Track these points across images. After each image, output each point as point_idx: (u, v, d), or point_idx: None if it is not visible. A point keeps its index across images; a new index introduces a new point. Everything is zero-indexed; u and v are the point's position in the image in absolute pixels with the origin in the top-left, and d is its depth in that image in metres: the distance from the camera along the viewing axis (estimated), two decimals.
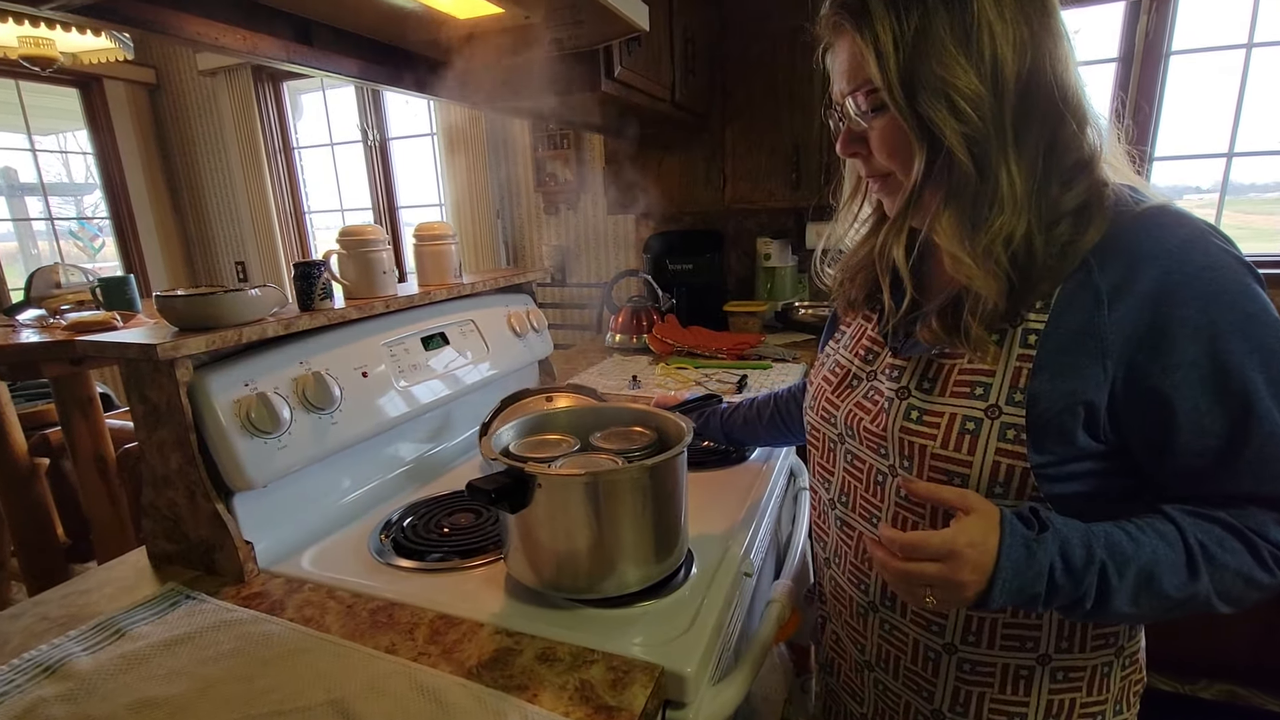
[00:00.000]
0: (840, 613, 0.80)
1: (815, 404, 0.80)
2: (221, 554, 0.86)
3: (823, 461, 0.79)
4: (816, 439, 0.80)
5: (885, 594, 0.71)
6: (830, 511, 0.78)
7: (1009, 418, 0.59)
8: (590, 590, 0.76)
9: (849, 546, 0.75)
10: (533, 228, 3.00)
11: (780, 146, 2.15)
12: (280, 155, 3.49)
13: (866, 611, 0.74)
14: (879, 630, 0.74)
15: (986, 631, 0.65)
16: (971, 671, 0.67)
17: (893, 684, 0.74)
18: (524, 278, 1.53)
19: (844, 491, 0.74)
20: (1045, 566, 0.54)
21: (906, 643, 0.71)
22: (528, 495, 0.73)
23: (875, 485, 0.70)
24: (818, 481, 0.81)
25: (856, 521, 0.73)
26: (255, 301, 0.89)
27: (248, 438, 0.86)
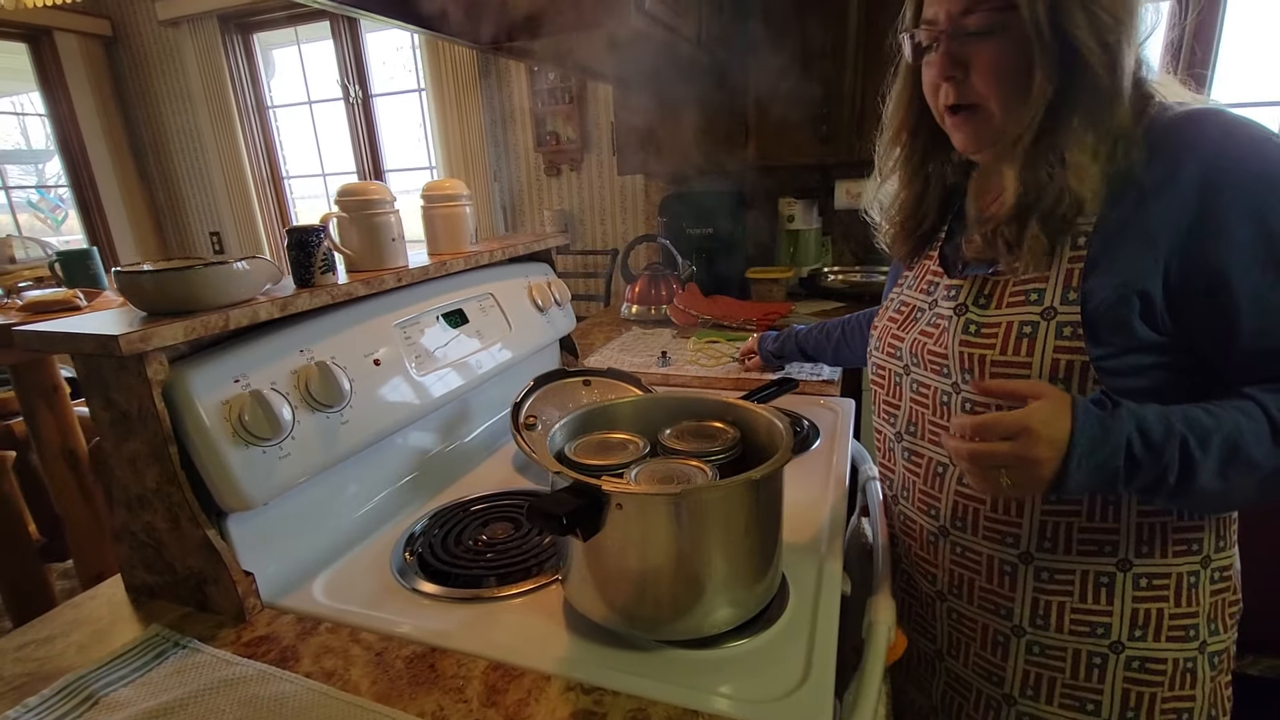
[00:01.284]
0: (909, 547, 0.81)
1: (881, 343, 0.82)
2: (216, 589, 0.71)
3: (888, 398, 0.80)
4: (882, 377, 0.81)
5: (956, 515, 0.72)
6: (896, 445, 0.79)
7: (1064, 316, 0.60)
8: (674, 629, 0.62)
9: (917, 475, 0.76)
10: (533, 191, 2.80)
11: (809, 99, 1.96)
12: (254, 114, 3.23)
13: (937, 538, 0.75)
14: (950, 555, 0.74)
15: (1062, 536, 0.65)
16: (1050, 580, 0.67)
17: (968, 609, 0.74)
18: (544, 244, 1.35)
19: (911, 421, 0.76)
20: (1122, 440, 0.53)
21: (980, 561, 0.71)
22: (601, 517, 0.58)
23: (940, 407, 0.71)
24: (883, 420, 0.82)
25: (925, 448, 0.75)
26: (243, 277, 0.72)
27: (242, 447, 0.69)
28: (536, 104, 2.64)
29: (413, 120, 3.11)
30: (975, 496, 0.70)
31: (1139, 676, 0.66)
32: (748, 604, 0.64)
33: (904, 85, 0.74)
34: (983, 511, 0.69)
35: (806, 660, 0.61)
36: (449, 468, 1.04)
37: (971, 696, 0.77)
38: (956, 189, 0.77)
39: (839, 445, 1.07)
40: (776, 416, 0.70)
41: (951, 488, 0.71)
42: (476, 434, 1.13)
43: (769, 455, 0.68)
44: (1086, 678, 0.67)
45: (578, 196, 2.73)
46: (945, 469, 0.72)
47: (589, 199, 2.72)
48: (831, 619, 0.67)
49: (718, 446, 0.70)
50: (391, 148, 3.19)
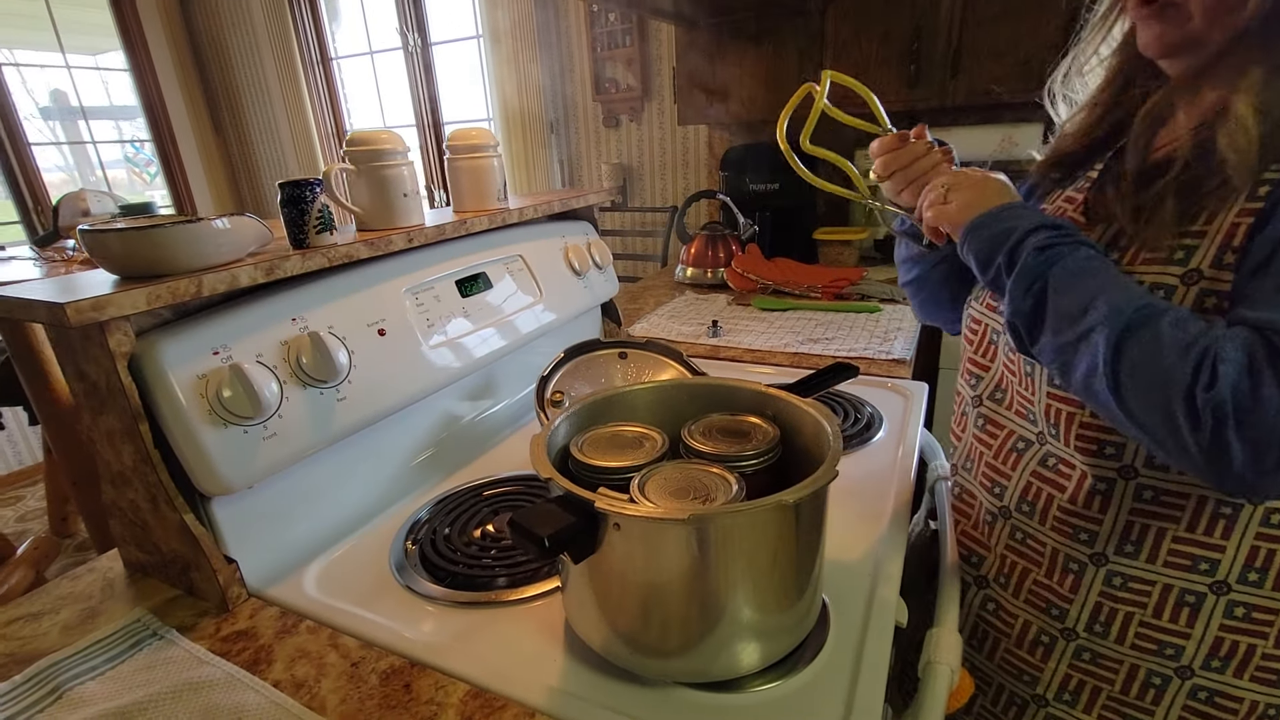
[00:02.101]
0: (957, 523, 0.76)
1: (983, 293, 0.72)
2: (198, 575, 0.66)
3: (977, 357, 0.72)
4: (976, 331, 0.72)
5: (1025, 498, 0.65)
6: (972, 410, 0.72)
7: (1211, 283, 0.50)
8: (686, 669, 0.52)
9: (988, 447, 0.70)
10: (590, 143, 2.66)
11: (897, 31, 1.72)
12: (318, 67, 3.22)
13: (995, 519, 0.69)
14: (1006, 540, 0.68)
15: (1150, 542, 0.57)
16: (1122, 588, 0.59)
17: (1011, 601, 0.68)
18: (583, 200, 1.23)
19: (999, 387, 0.69)
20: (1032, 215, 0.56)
21: (1043, 554, 0.64)
22: (597, 539, 0.48)
23: (1026, 378, 0.64)
24: (965, 381, 0.74)
25: (1007, 419, 0.67)
26: (220, 236, 0.65)
27: (220, 426, 0.63)
28: (595, 48, 2.48)
29: (472, 70, 3.01)
30: (1053, 481, 0.62)
31: (1204, 710, 0.58)
32: (776, 643, 0.53)
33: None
34: (1058, 500, 0.61)
35: (846, 708, 0.50)
36: (469, 444, 0.97)
37: (991, 691, 0.72)
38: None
39: (906, 437, 0.93)
40: (826, 417, 0.57)
41: (1028, 468, 0.64)
42: (500, 407, 1.05)
43: (813, 463, 0.56)
44: (1140, 695, 0.61)
45: (637, 149, 2.57)
46: (1026, 446, 0.65)
47: (648, 152, 2.56)
48: (881, 660, 0.55)
49: (750, 450, 0.58)
50: (451, 98, 3.12)
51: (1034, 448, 0.64)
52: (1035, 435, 0.64)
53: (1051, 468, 0.62)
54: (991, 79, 1.67)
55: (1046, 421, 0.61)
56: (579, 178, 2.74)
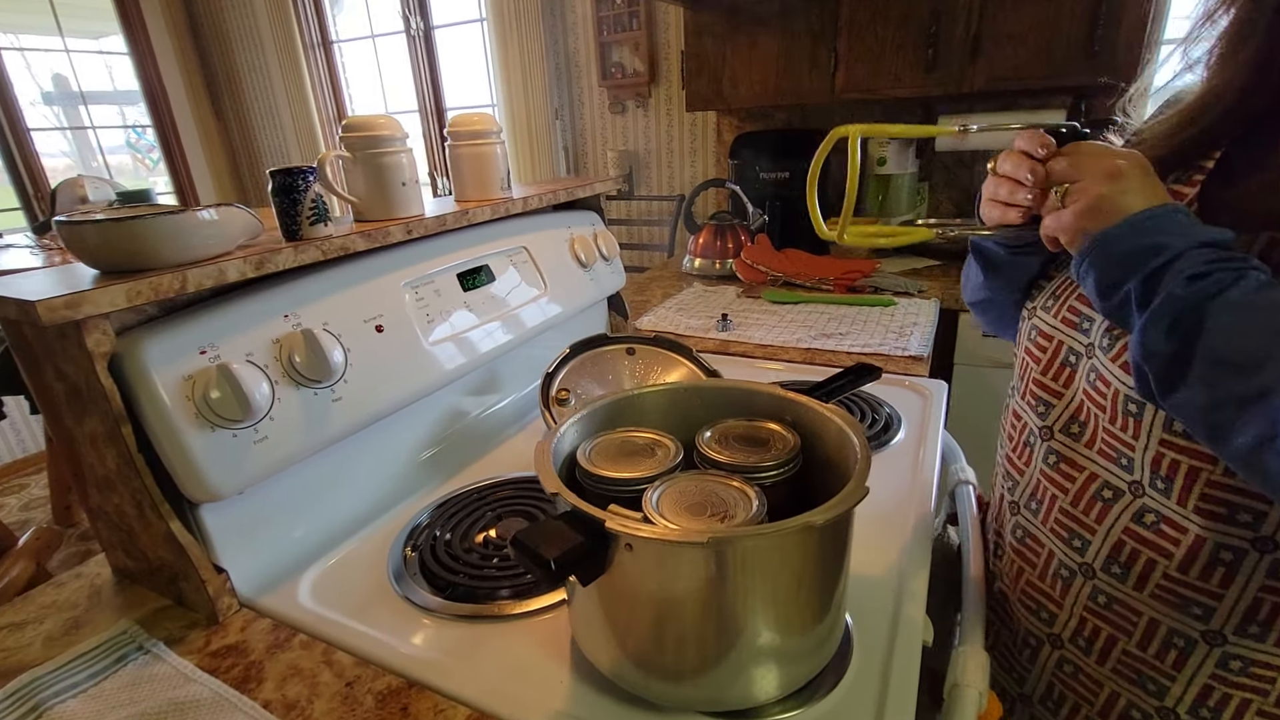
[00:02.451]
0: (1019, 571, 0.63)
1: (1058, 303, 0.59)
2: (186, 584, 0.63)
3: (1046, 379, 0.60)
4: (1045, 349, 0.60)
5: (1116, 559, 0.53)
6: (1039, 443, 0.61)
7: None
8: (701, 697, 0.49)
9: (1063, 491, 0.58)
10: (596, 130, 2.61)
11: (914, 15, 1.66)
12: (319, 50, 3.16)
13: (1072, 576, 0.57)
14: (1087, 602, 0.57)
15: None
16: (1241, 672, 0.50)
17: (1094, 669, 0.58)
18: (589, 189, 1.19)
19: (1076, 419, 0.57)
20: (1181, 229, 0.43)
21: (1135, 622, 0.53)
22: (607, 559, 0.45)
23: (1126, 416, 0.51)
24: (1028, 404, 0.63)
25: (1087, 459, 0.55)
26: (206, 228, 0.61)
27: (207, 429, 0.59)
28: (601, 31, 2.42)
29: (475, 54, 2.95)
30: (1155, 544, 0.50)
31: None
32: (797, 669, 0.49)
33: None
34: (1163, 567, 0.50)
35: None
36: (472, 443, 0.94)
37: None
38: None
39: (928, 439, 0.89)
40: (851, 425, 0.53)
41: (1119, 523, 0.53)
42: (503, 405, 1.02)
43: (836, 473, 0.52)
44: None
45: (644, 136, 2.52)
46: (1115, 496, 0.53)
47: (655, 139, 2.50)
48: (909, 688, 0.52)
49: (770, 460, 0.54)
50: (455, 84, 3.06)
51: (1125, 498, 0.53)
52: (1128, 484, 0.52)
53: (1152, 526, 0.51)
54: (1012, 65, 1.61)
55: (1151, 472, 0.50)
56: (584, 165, 2.69)
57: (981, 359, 1.55)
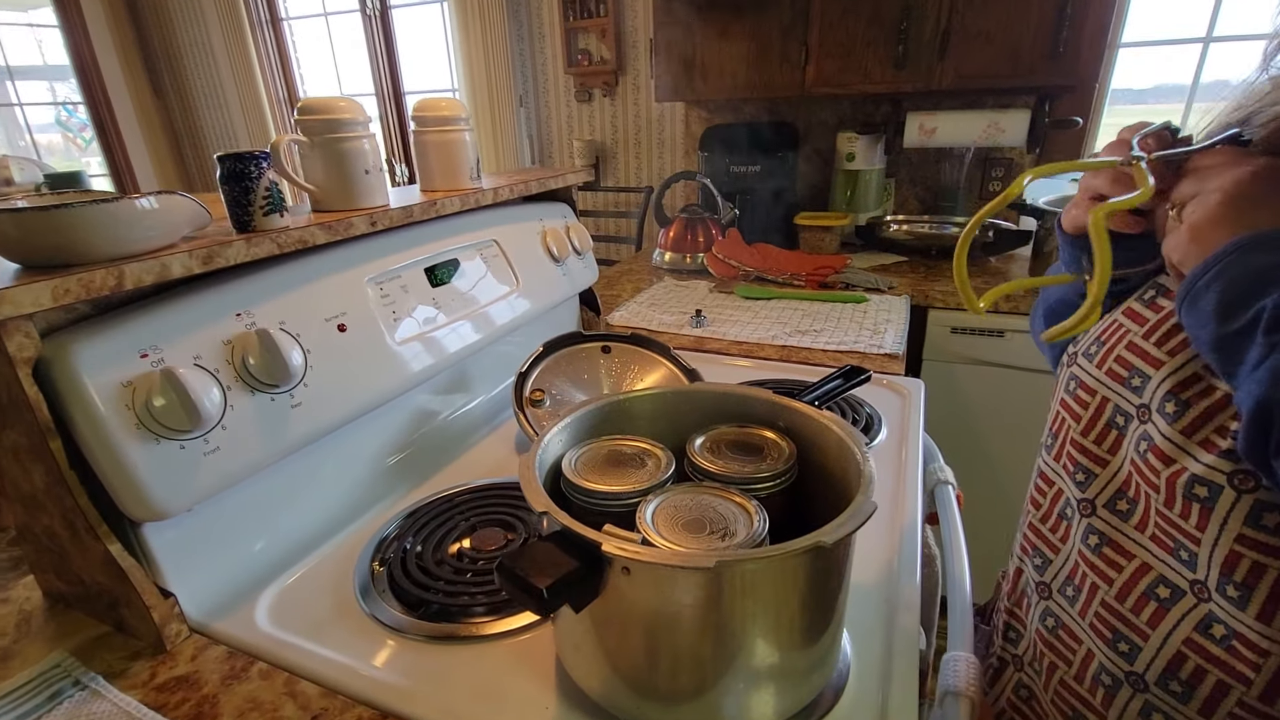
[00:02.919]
0: (1051, 667, 0.55)
1: (1105, 350, 0.51)
2: (128, 611, 0.57)
3: (1087, 441, 0.51)
4: (1087, 403, 0.51)
5: (1173, 674, 0.45)
6: (1078, 519, 0.52)
7: None
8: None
9: (1106, 581, 0.49)
10: (562, 119, 2.55)
11: (885, 10, 1.66)
12: (267, 28, 3.00)
13: (1117, 684, 0.48)
14: (1137, 717, 0.48)
15: None
16: None
17: None
18: (561, 180, 1.15)
19: (1124, 494, 0.48)
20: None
21: None
22: (600, 582, 0.41)
23: (1188, 501, 0.42)
24: (1063, 471, 0.54)
25: (1139, 545, 0.46)
26: (146, 218, 0.55)
27: (150, 441, 0.54)
28: (567, 16, 2.36)
29: (435, 37, 2.85)
30: (1225, 663, 0.42)
31: None
32: (798, 693, 0.47)
33: None
34: (1238, 694, 0.42)
35: None
36: (441, 447, 0.89)
37: None
38: None
39: (909, 440, 0.88)
40: (851, 435, 0.51)
41: (1178, 631, 0.44)
42: (473, 406, 0.97)
43: (835, 485, 0.50)
44: None
45: (610, 126, 2.47)
46: (1174, 596, 0.45)
47: (623, 129, 2.46)
48: (909, 701, 0.50)
49: (766, 471, 0.52)
50: (413, 68, 2.95)
51: (1186, 600, 0.44)
52: (1189, 583, 0.44)
53: (1221, 641, 0.42)
54: (979, 64, 1.63)
55: (1221, 576, 0.41)
56: (549, 155, 2.63)
57: (950, 355, 1.57)
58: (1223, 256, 0.38)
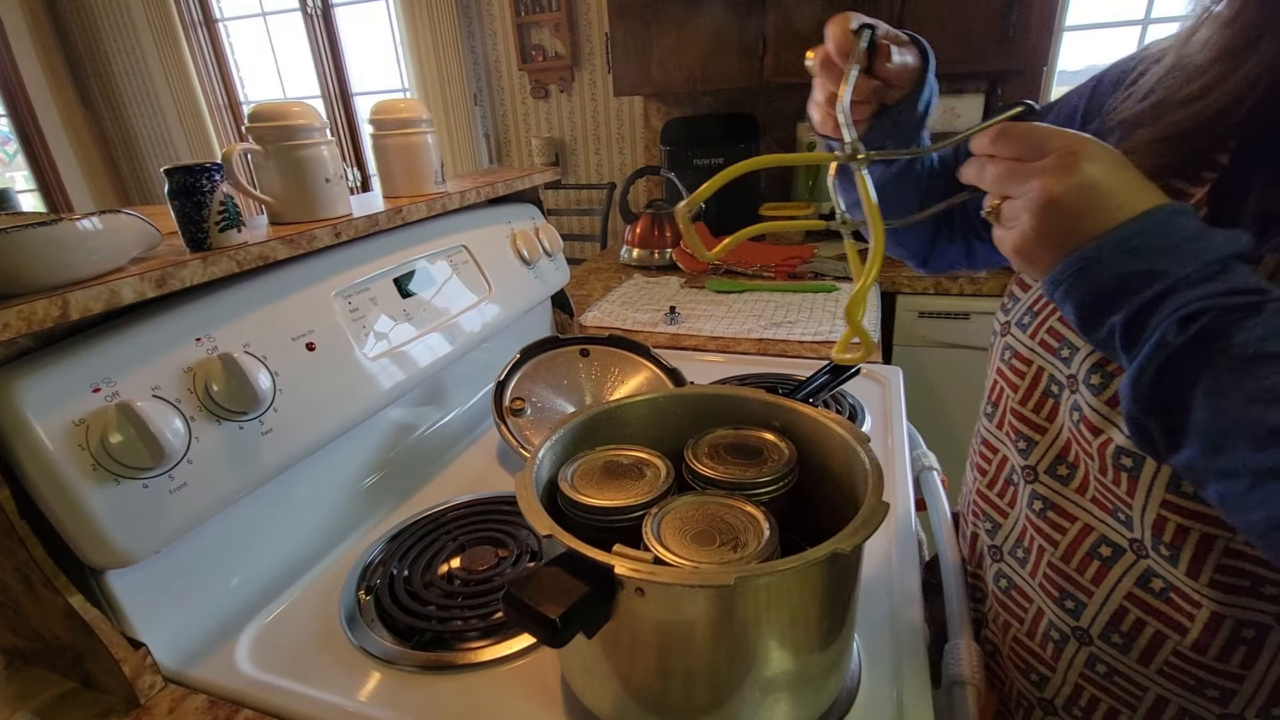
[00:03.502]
0: (1005, 625, 0.56)
1: (1037, 322, 0.51)
2: (95, 665, 0.53)
3: (1025, 409, 0.52)
4: (1023, 373, 0.52)
5: (1117, 628, 0.47)
6: (1023, 485, 0.53)
7: None
8: None
9: (1052, 543, 0.50)
10: (519, 116, 2.50)
11: None
12: (201, 29, 2.86)
13: (1064, 640, 0.50)
14: (1083, 670, 0.50)
15: None
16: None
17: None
18: (529, 180, 1.12)
19: (1063, 459, 0.49)
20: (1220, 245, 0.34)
21: (1141, 699, 0.47)
22: (611, 605, 0.40)
23: (1118, 470, 0.43)
24: (1006, 438, 0.55)
25: (1080, 508, 0.48)
26: (89, 240, 0.51)
27: (109, 482, 0.50)
28: (519, 11, 2.31)
29: (382, 35, 2.76)
30: (1164, 615, 0.44)
31: None
32: (815, 703, 0.46)
33: None
34: (1173, 643, 0.44)
35: None
36: (421, 463, 0.86)
37: None
38: None
39: (893, 428, 0.89)
40: (850, 431, 0.51)
41: (1120, 587, 0.46)
42: (452, 417, 0.94)
43: (837, 484, 0.50)
44: None
45: (569, 122, 2.43)
46: (1115, 554, 0.46)
47: (581, 125, 2.42)
48: (924, 701, 0.50)
49: (768, 475, 0.51)
50: (360, 67, 2.85)
51: (1126, 557, 0.45)
52: (1128, 541, 0.45)
53: (1160, 594, 0.44)
54: (933, 50, 1.64)
55: (1154, 536, 0.43)
56: (507, 154, 2.58)
57: (917, 339, 1.59)
58: (1060, 281, 0.38)
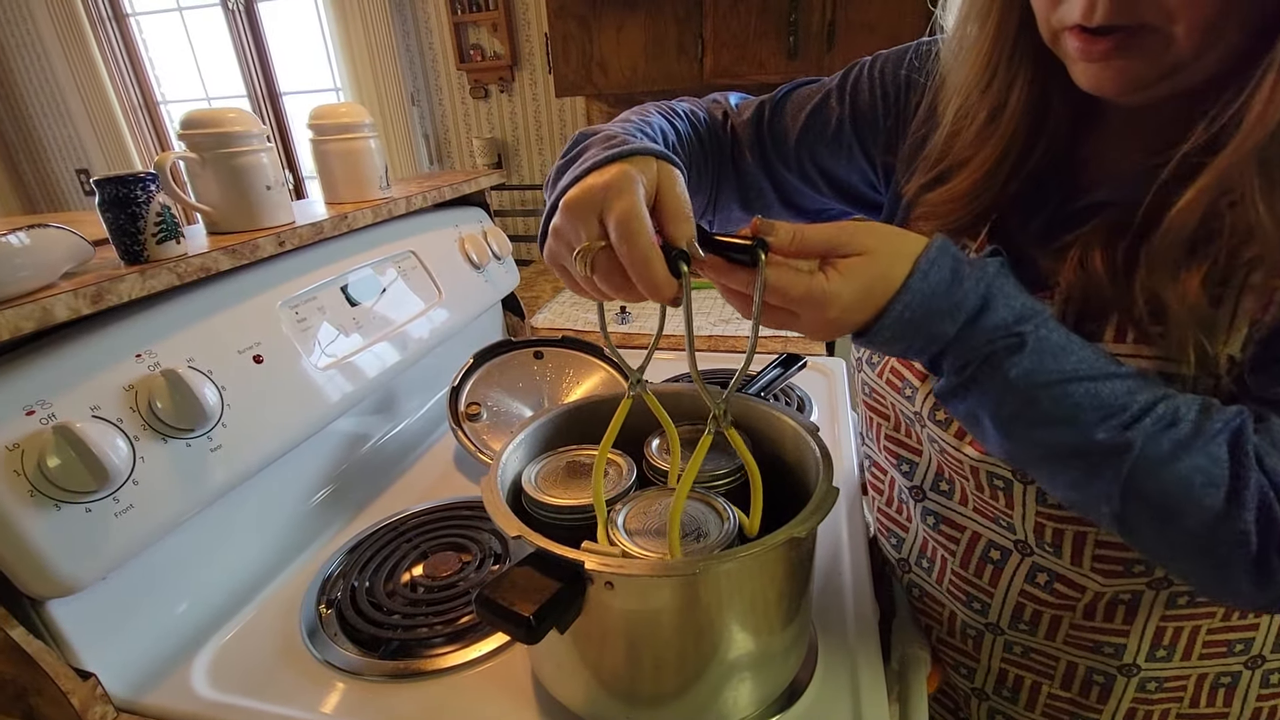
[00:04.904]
0: (928, 627, 0.61)
1: (882, 364, 0.56)
2: (40, 699, 0.51)
3: (899, 435, 0.57)
4: (883, 406, 0.57)
5: (1020, 619, 0.52)
6: (913, 503, 0.58)
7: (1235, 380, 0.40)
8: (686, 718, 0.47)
9: (949, 553, 0.55)
10: (459, 117, 2.46)
11: (774, 2, 1.72)
12: (111, 24, 2.70)
13: (980, 634, 0.56)
14: (1003, 655, 0.56)
15: (1184, 642, 0.49)
16: (1158, 690, 0.52)
17: (1026, 715, 0.57)
18: (475, 184, 1.11)
19: (941, 476, 0.54)
20: (971, 296, 0.38)
21: (1054, 667, 0.53)
22: (582, 600, 0.41)
23: (993, 488, 0.49)
24: (890, 461, 0.59)
25: (966, 518, 0.53)
26: (16, 257, 0.48)
27: (49, 508, 0.48)
28: (455, 10, 2.28)
29: (311, 31, 2.66)
30: (1055, 602, 0.50)
31: None
32: (777, 680, 0.49)
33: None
34: (1069, 618, 0.51)
35: None
36: (375, 473, 0.85)
37: None
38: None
39: (839, 418, 0.93)
40: (800, 422, 0.53)
41: (1014, 585, 0.52)
42: (404, 426, 0.93)
43: (791, 471, 0.52)
44: None
45: (510, 122, 2.42)
46: (1004, 556, 0.52)
47: (524, 125, 2.41)
48: (876, 672, 0.53)
49: (725, 468, 0.53)
50: (288, 66, 2.75)
51: (1014, 557, 0.51)
52: (1014, 543, 0.51)
53: (1046, 586, 0.50)
54: (865, 53, 1.71)
55: (1037, 538, 0.49)
56: (448, 155, 2.54)
57: None
58: (868, 344, 0.41)
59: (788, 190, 0.63)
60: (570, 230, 0.40)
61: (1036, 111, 0.45)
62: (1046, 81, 0.44)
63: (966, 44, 0.48)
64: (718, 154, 0.62)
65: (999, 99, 0.46)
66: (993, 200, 0.48)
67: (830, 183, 0.62)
